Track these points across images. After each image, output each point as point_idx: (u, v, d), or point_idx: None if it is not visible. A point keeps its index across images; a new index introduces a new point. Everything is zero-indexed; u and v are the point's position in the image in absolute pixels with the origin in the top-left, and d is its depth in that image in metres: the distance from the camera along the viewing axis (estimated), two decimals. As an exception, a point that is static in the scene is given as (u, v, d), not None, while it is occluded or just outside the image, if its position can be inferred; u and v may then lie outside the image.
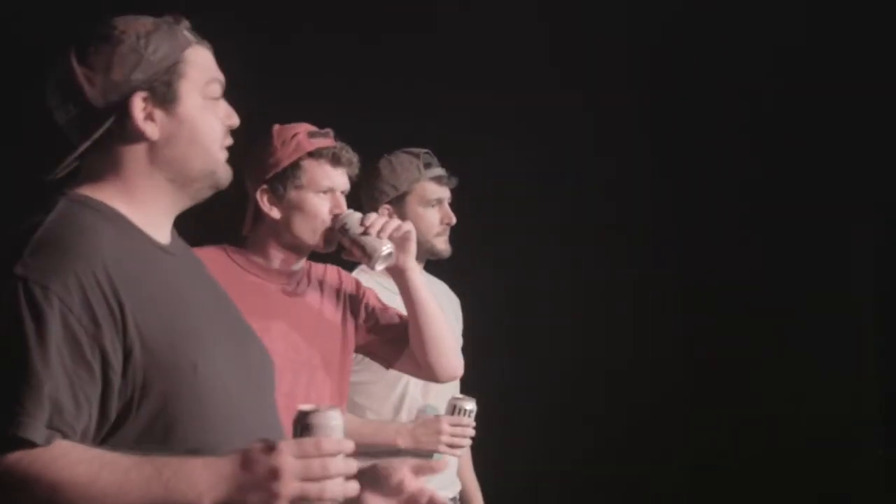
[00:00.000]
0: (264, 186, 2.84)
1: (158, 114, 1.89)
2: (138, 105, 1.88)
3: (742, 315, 4.29)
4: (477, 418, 3.24)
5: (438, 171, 3.39)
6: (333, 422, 1.82)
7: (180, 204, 1.97)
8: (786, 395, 4.24)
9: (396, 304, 3.03)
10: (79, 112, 1.89)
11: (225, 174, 1.98)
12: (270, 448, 1.73)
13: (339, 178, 2.87)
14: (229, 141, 1.98)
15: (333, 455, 1.75)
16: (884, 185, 4.22)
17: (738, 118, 4.36)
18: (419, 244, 3.23)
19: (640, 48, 4.40)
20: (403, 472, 2.01)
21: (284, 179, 2.83)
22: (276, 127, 2.88)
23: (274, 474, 1.72)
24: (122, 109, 1.88)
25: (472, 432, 3.24)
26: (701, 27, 4.33)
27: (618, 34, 4.36)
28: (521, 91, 4.34)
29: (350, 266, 3.05)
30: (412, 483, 2.00)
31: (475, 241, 3.58)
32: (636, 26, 4.37)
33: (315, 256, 2.93)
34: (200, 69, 1.94)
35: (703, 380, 4.30)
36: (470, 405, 3.22)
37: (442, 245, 3.38)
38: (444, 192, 3.40)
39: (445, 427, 3.21)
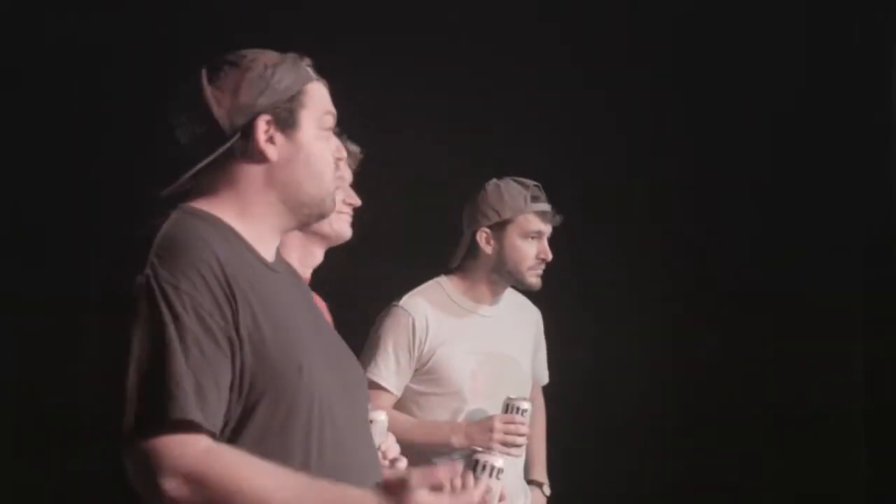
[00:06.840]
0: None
1: (279, 137, 2.01)
2: (262, 127, 2.00)
3: (737, 314, 4.31)
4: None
5: (544, 206, 3.48)
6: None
7: (288, 225, 2.08)
8: (778, 394, 4.28)
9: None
10: (204, 131, 1.99)
11: (331, 204, 2.10)
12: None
13: (546, 227, 3.49)
14: (339, 173, 2.13)
15: None
16: (875, 184, 4.28)
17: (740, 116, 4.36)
18: (509, 273, 3.48)
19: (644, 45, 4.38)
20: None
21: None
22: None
23: None
24: (246, 130, 1.99)
25: (525, 430, 3.30)
26: (707, 26, 4.31)
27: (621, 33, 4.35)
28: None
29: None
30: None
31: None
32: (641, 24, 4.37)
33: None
34: (318, 102, 2.06)
35: (696, 380, 4.31)
36: (525, 405, 3.28)
37: (532, 279, 3.49)
38: (546, 228, 3.49)
39: (498, 425, 3.28)
